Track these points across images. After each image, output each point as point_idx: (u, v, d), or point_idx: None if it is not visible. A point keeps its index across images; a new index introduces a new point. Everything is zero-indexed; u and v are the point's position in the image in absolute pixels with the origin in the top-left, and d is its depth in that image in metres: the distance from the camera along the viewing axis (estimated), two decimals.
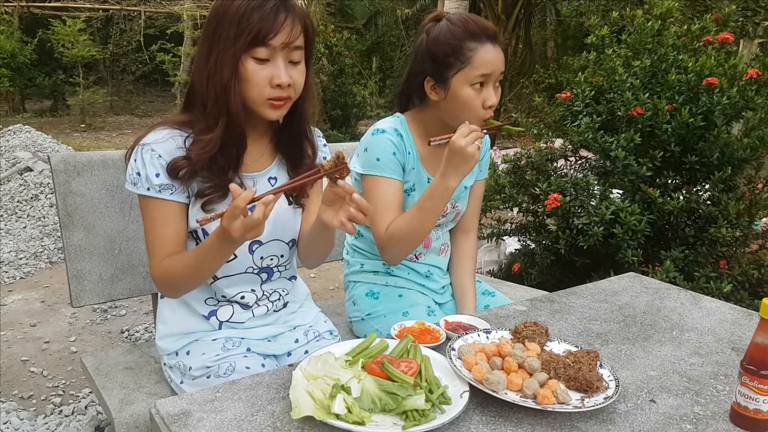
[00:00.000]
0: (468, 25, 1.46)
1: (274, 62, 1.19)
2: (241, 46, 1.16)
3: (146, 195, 1.23)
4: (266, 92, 1.21)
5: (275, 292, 1.43)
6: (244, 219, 1.04)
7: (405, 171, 1.58)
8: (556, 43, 13.03)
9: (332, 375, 0.97)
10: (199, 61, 1.23)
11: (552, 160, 2.95)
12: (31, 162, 5.28)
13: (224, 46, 1.18)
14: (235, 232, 1.05)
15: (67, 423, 2.12)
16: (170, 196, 1.23)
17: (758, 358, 0.93)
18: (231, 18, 1.17)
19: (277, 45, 1.17)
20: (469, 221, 1.78)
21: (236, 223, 1.04)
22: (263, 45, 1.17)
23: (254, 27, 1.16)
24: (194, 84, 1.26)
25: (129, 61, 14.36)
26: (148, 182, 1.22)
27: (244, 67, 1.18)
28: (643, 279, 1.69)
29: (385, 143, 1.54)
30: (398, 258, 1.58)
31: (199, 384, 1.31)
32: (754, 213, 2.51)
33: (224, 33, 1.18)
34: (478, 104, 1.47)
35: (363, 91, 8.97)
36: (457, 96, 1.48)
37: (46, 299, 3.31)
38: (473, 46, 1.45)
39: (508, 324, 1.34)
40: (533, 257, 2.89)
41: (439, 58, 1.47)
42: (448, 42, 1.46)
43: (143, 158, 1.22)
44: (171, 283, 1.26)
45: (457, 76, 1.46)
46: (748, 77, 2.51)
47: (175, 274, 1.23)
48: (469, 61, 1.45)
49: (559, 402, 0.96)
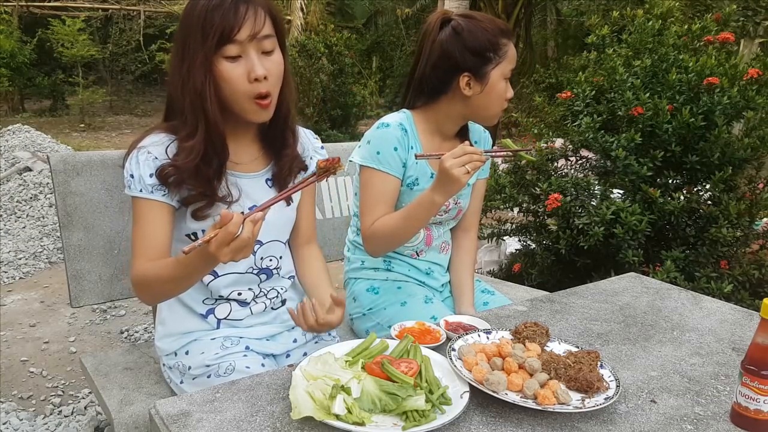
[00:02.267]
0: (497, 23, 1.53)
1: (246, 57, 1.17)
2: (210, 47, 1.15)
3: (138, 196, 1.23)
4: (246, 89, 1.19)
5: (273, 289, 1.43)
6: (232, 243, 1.00)
7: (406, 166, 1.58)
8: (557, 42, 13.04)
9: (332, 375, 0.96)
10: (173, 70, 1.22)
11: (552, 160, 2.95)
12: (31, 162, 5.28)
13: (193, 51, 1.16)
14: (224, 257, 1.00)
15: (67, 423, 2.12)
16: (162, 198, 1.23)
17: (759, 359, 0.93)
18: (195, 22, 1.16)
19: (243, 38, 1.15)
20: (470, 220, 1.79)
21: (225, 249, 1.00)
22: (230, 42, 1.15)
23: (218, 26, 1.14)
24: (170, 93, 1.26)
25: (128, 61, 14.36)
26: (141, 183, 1.22)
27: (218, 68, 1.17)
28: (644, 279, 1.68)
29: (387, 137, 1.55)
30: (378, 252, 1.61)
31: (199, 383, 1.31)
32: (755, 213, 2.51)
33: (191, 38, 1.17)
34: (505, 96, 1.56)
35: (363, 91, 8.97)
36: (494, 89, 1.53)
37: (45, 299, 3.30)
38: (506, 42, 1.52)
39: (508, 324, 1.33)
40: (534, 257, 2.89)
41: (479, 53, 1.51)
42: (487, 38, 1.50)
43: (138, 160, 1.23)
44: (147, 289, 1.23)
45: (495, 70, 1.52)
46: (748, 77, 2.51)
47: (153, 280, 1.19)
48: (505, 56, 1.52)
49: (559, 402, 0.96)
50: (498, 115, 1.60)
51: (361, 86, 9.24)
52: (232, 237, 0.99)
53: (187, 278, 1.17)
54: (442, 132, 1.63)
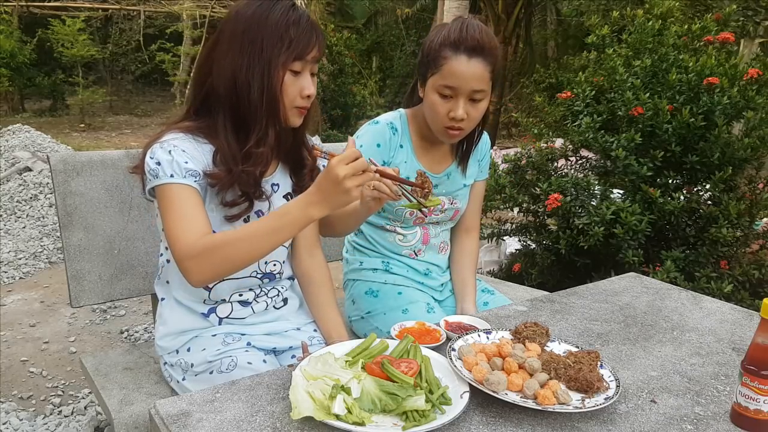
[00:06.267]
0: (451, 33, 1.43)
1: (303, 75, 1.25)
2: (288, 57, 1.20)
3: (169, 182, 1.18)
4: (297, 102, 1.25)
5: (273, 288, 1.44)
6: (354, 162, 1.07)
7: (392, 164, 1.59)
8: (557, 42, 13.03)
9: (332, 375, 0.96)
10: (227, 68, 1.21)
11: (552, 160, 2.95)
12: (31, 162, 5.28)
13: (269, 56, 1.20)
14: (342, 171, 1.06)
15: (67, 423, 2.12)
16: (194, 183, 1.20)
17: (759, 359, 0.93)
18: (272, 30, 1.19)
19: (310, 59, 1.24)
20: (471, 221, 1.79)
21: (347, 167, 1.06)
22: (301, 59, 1.22)
23: (297, 41, 1.20)
24: (218, 91, 1.23)
25: (128, 61, 14.38)
26: (171, 168, 1.17)
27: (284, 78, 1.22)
28: (644, 279, 1.68)
29: (373, 134, 1.58)
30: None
31: (201, 380, 1.31)
32: (755, 213, 2.51)
33: (266, 44, 1.19)
34: (442, 112, 1.47)
35: (363, 91, 8.97)
36: (427, 99, 1.50)
37: (45, 299, 3.30)
38: (447, 55, 1.43)
39: (508, 324, 1.33)
40: (534, 257, 2.89)
41: (422, 59, 1.50)
42: (431, 45, 1.46)
43: (166, 150, 1.19)
44: (215, 256, 1.13)
45: (430, 80, 1.48)
46: (748, 77, 2.51)
47: (225, 243, 1.12)
48: (440, 69, 1.44)
49: (559, 402, 0.96)
50: (440, 132, 1.51)
51: (361, 86, 9.25)
52: (355, 156, 1.08)
53: (279, 231, 1.12)
54: (429, 134, 1.62)
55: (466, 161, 1.68)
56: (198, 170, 1.20)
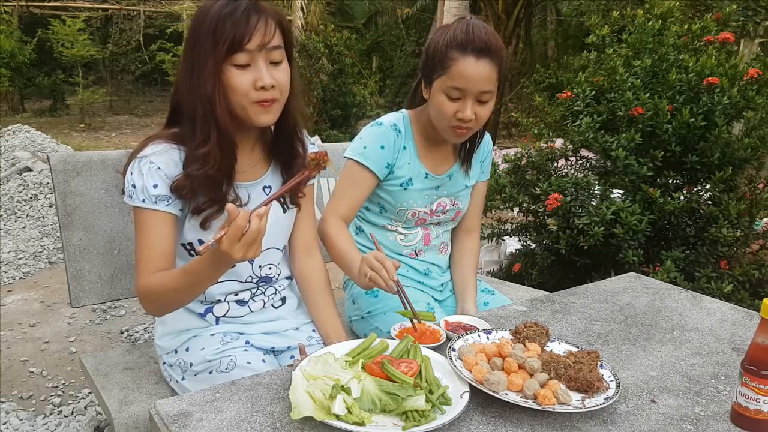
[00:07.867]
0: (458, 34, 1.43)
1: (254, 66, 1.19)
2: (220, 54, 1.16)
3: (141, 207, 1.22)
4: (251, 96, 1.20)
5: (271, 287, 1.44)
6: (243, 237, 1.00)
7: (395, 166, 1.60)
8: (557, 42, 13.03)
9: (332, 375, 0.96)
10: (183, 76, 1.23)
11: (552, 160, 2.95)
12: (31, 162, 5.28)
13: (204, 57, 1.17)
14: (237, 254, 1.00)
15: (67, 423, 2.12)
16: (165, 208, 1.22)
17: (759, 359, 0.93)
18: (206, 29, 1.17)
19: (253, 48, 1.17)
20: (472, 221, 1.79)
21: (237, 246, 1.00)
22: (240, 50, 1.16)
23: (228, 34, 1.15)
24: (179, 98, 1.25)
25: (128, 61, 14.36)
26: (144, 193, 1.21)
27: (226, 75, 1.18)
28: (644, 279, 1.68)
29: (377, 136, 1.58)
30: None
31: (201, 379, 1.31)
32: (755, 213, 2.51)
33: (201, 45, 1.18)
34: (449, 113, 1.47)
35: (363, 91, 8.97)
36: (433, 100, 1.50)
37: (45, 299, 3.30)
38: (455, 56, 1.42)
39: (508, 324, 1.33)
40: (534, 257, 2.89)
41: (428, 60, 1.49)
42: (436, 47, 1.46)
43: (141, 170, 1.22)
44: (154, 301, 1.22)
45: (437, 81, 1.47)
46: (748, 77, 2.51)
47: (159, 291, 1.18)
48: (448, 71, 1.44)
49: (559, 402, 0.96)
50: (447, 131, 1.51)
51: (361, 86, 9.25)
52: (242, 231, 0.99)
53: (196, 286, 1.16)
54: (433, 135, 1.62)
55: (469, 162, 1.68)
56: (166, 193, 1.21)
